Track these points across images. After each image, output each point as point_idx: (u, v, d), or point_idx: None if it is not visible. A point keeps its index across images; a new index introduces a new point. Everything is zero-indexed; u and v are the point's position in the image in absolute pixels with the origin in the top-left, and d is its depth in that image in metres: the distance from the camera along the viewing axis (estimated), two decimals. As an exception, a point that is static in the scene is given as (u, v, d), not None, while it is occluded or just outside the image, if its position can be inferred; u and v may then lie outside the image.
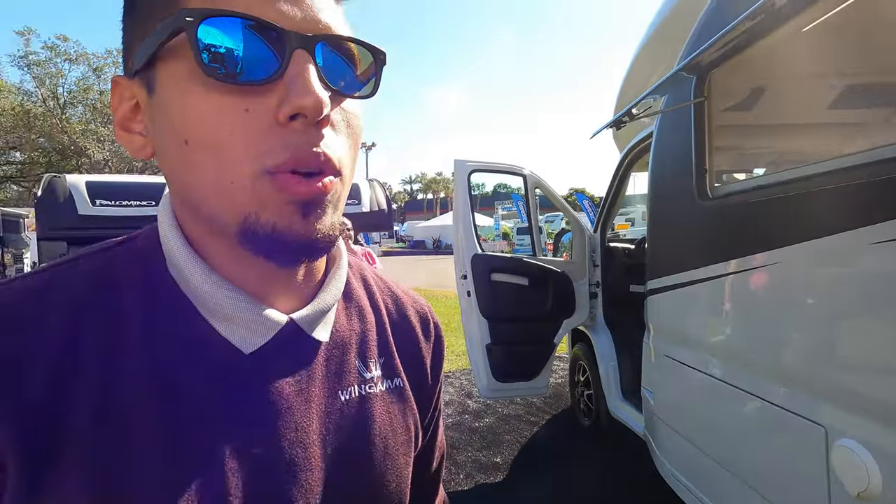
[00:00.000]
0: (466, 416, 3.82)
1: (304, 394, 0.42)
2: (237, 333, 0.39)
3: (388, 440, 0.47)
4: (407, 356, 0.53)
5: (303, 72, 0.33)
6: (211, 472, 0.36)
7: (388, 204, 10.10)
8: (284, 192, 0.34)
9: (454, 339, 6.31)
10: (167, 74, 0.35)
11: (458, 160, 3.11)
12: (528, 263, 3.14)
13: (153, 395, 0.36)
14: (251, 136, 0.33)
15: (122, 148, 0.47)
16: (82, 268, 0.39)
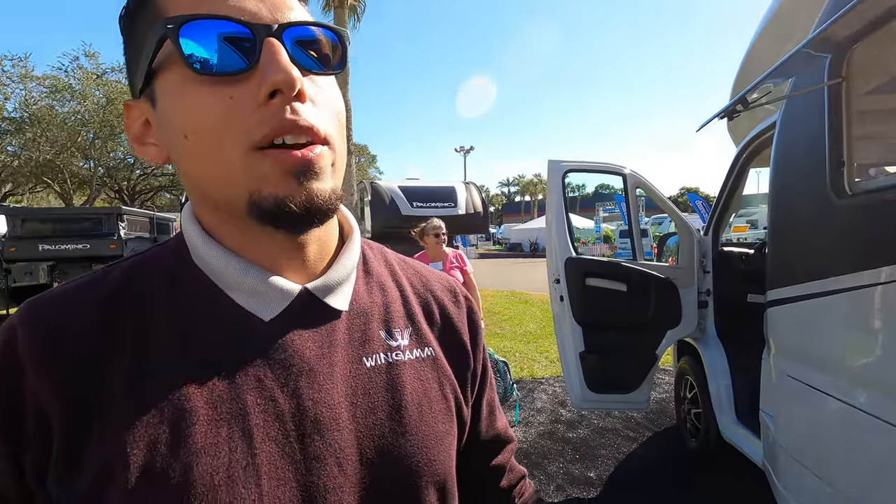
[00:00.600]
0: (559, 426, 3.69)
1: (327, 358, 0.45)
2: (256, 303, 0.43)
3: (422, 406, 0.48)
4: (438, 327, 0.55)
5: (274, 55, 0.38)
6: (239, 429, 0.39)
7: (484, 206, 10.17)
8: (278, 165, 0.38)
9: (548, 344, 6.14)
10: (163, 83, 0.40)
11: (552, 160, 3.01)
12: (626, 268, 2.95)
13: (182, 360, 0.40)
14: (237, 118, 0.38)
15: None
16: (124, 264, 0.46)
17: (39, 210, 10.63)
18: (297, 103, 0.39)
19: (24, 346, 0.38)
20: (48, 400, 0.37)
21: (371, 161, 42.49)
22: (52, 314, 0.40)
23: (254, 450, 0.39)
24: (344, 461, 0.42)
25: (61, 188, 19.46)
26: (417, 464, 0.46)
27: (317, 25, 0.41)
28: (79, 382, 0.37)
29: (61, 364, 0.38)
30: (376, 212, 8.86)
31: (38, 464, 0.37)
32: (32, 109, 16.34)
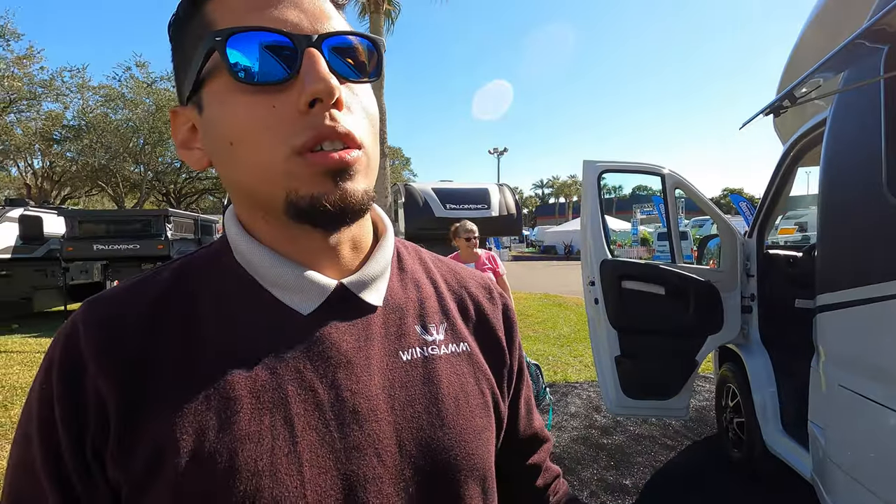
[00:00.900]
0: (593, 431, 3.61)
1: (364, 351, 0.46)
2: (294, 298, 0.45)
3: (459, 400, 0.49)
4: (473, 322, 0.56)
5: (314, 65, 0.39)
6: (280, 417, 0.41)
7: (517, 208, 10.09)
8: (315, 166, 0.40)
9: (583, 347, 6.03)
10: (210, 93, 0.42)
11: (587, 161, 2.96)
12: (665, 271, 2.87)
13: (226, 353, 0.42)
14: (280, 125, 0.40)
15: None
16: (173, 264, 0.48)
17: (94, 212, 11.26)
18: (335, 111, 0.40)
19: (86, 342, 0.41)
20: (107, 392, 0.39)
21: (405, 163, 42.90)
22: (110, 313, 0.42)
23: (295, 438, 0.40)
24: (383, 451, 0.43)
25: (114, 191, 20.57)
26: (456, 457, 0.46)
27: (354, 35, 0.43)
28: (133, 376, 0.40)
29: (118, 359, 0.40)
30: (410, 214, 8.94)
31: (98, 451, 0.39)
32: (89, 117, 17.37)
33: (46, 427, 0.40)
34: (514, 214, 9.58)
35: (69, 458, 0.39)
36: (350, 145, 0.41)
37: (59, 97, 16.66)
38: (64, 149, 18.15)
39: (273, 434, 0.40)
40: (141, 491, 0.39)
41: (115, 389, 0.39)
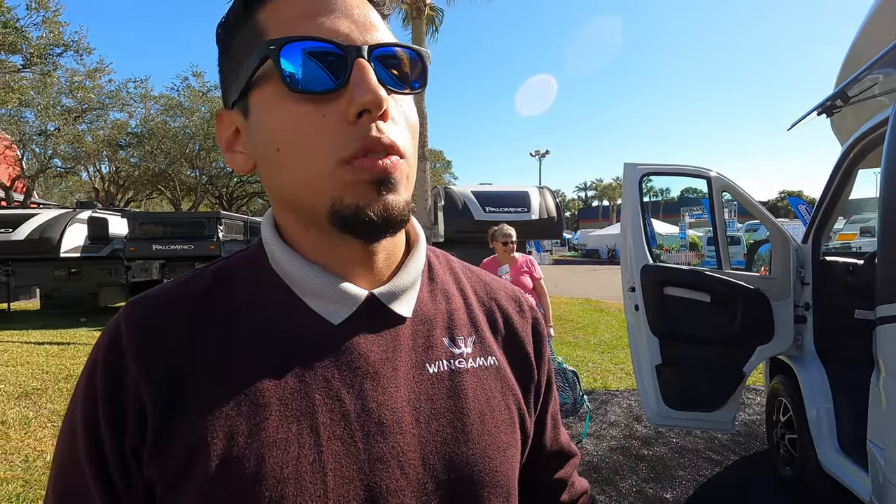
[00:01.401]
0: (634, 441, 3.51)
1: (391, 362, 0.46)
2: (325, 307, 0.45)
3: (484, 415, 0.48)
4: (502, 336, 0.55)
5: (363, 76, 0.40)
6: (307, 426, 0.42)
7: (558, 211, 9.93)
8: (360, 174, 0.41)
9: (624, 355, 5.87)
10: (258, 99, 0.43)
11: (628, 163, 2.90)
12: (710, 277, 2.76)
13: (258, 359, 0.43)
14: (328, 134, 0.41)
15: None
16: (211, 267, 0.49)
17: (153, 214, 11.98)
18: (382, 122, 0.41)
19: (127, 343, 0.42)
20: (146, 393, 0.40)
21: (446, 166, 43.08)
22: (150, 315, 0.44)
23: (320, 447, 0.41)
24: (406, 464, 0.43)
25: (172, 194, 21.78)
26: (479, 473, 0.46)
27: (401, 46, 0.44)
28: (171, 377, 0.41)
29: (157, 361, 0.41)
30: (449, 217, 8.95)
31: (136, 451, 0.40)
32: (150, 125, 18.51)
33: (91, 425, 0.41)
34: (554, 217, 9.43)
35: (111, 456, 0.40)
36: (391, 153, 0.42)
37: (124, 107, 17.83)
38: (128, 155, 19.42)
39: (299, 442, 0.41)
40: (173, 491, 0.40)
41: (153, 391, 0.40)
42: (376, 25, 0.44)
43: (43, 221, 8.82)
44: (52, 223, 8.81)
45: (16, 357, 5.44)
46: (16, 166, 17.66)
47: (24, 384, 4.42)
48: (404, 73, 0.44)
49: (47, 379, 4.63)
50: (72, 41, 9.34)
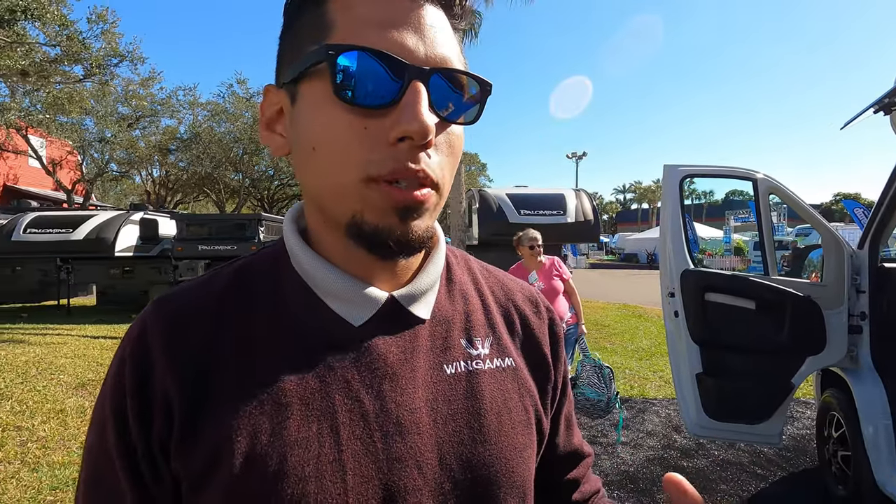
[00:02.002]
0: (672, 452, 3.40)
1: (409, 363, 0.46)
2: (346, 309, 0.46)
3: (501, 416, 0.48)
4: (519, 337, 0.55)
5: (415, 101, 0.39)
6: (327, 425, 0.42)
7: (594, 214, 9.75)
8: (386, 199, 0.40)
9: (664, 362, 5.69)
10: (307, 91, 0.42)
11: (668, 165, 2.82)
12: (755, 283, 2.64)
13: (279, 358, 0.44)
14: (365, 148, 0.40)
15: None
16: (233, 266, 0.50)
17: (199, 216, 12.49)
18: (422, 149, 0.40)
19: (153, 339, 0.43)
20: (172, 390, 0.41)
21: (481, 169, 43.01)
22: (175, 313, 0.44)
23: (340, 446, 0.41)
24: (423, 464, 0.43)
25: (217, 197, 22.70)
26: (496, 473, 0.46)
27: (464, 74, 0.42)
28: (196, 375, 0.42)
29: (183, 359, 0.42)
30: (484, 219, 8.93)
31: (163, 444, 0.41)
32: (198, 130, 19.37)
33: (120, 417, 0.42)
34: (591, 220, 9.26)
35: (139, 447, 0.41)
36: (425, 184, 0.41)
37: (174, 113, 18.78)
38: (177, 159, 20.42)
39: (320, 441, 0.41)
40: (198, 487, 0.41)
41: (179, 387, 0.41)
42: (445, 44, 0.42)
43: (99, 222, 9.37)
44: (107, 224, 9.35)
45: (74, 350, 5.80)
46: (77, 171, 18.87)
47: (81, 375, 4.70)
48: (462, 101, 0.43)
49: (101, 371, 4.91)
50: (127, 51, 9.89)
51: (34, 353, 5.42)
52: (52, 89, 10.25)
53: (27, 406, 3.80)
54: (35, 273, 9.55)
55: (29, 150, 17.17)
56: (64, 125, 13.36)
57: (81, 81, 10.11)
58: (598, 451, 3.43)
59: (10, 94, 11.46)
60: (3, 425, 3.41)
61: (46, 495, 2.64)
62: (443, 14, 0.43)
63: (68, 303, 9.47)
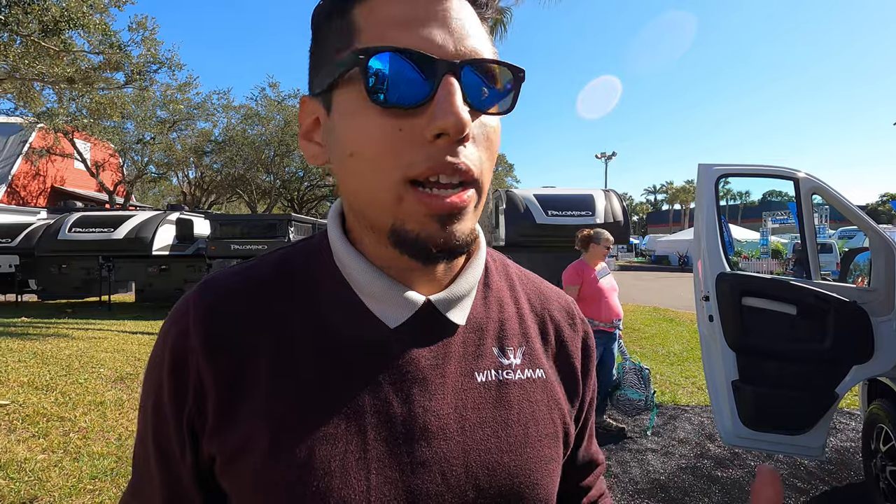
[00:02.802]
0: (705, 461, 3.29)
1: (440, 368, 0.46)
2: (383, 310, 0.46)
3: (528, 427, 0.48)
4: (552, 348, 0.54)
5: (448, 96, 0.38)
6: (355, 424, 0.42)
7: (624, 215, 9.54)
8: (425, 207, 0.40)
9: (696, 368, 5.52)
10: (341, 99, 0.42)
11: (703, 164, 2.72)
12: (797, 288, 2.52)
13: (314, 353, 0.44)
14: (402, 150, 0.40)
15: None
16: (276, 255, 0.50)
17: (232, 216, 12.86)
18: (460, 146, 0.40)
19: (194, 326, 0.44)
20: (207, 377, 0.42)
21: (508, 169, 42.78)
22: (218, 302, 0.45)
23: (366, 446, 0.42)
24: (448, 471, 0.43)
25: (249, 198, 23.28)
26: (520, 485, 0.46)
27: (496, 63, 0.42)
28: (232, 362, 0.43)
29: (220, 348, 0.43)
30: (510, 220, 8.84)
31: (193, 427, 0.43)
32: (231, 133, 19.93)
33: (156, 392, 0.45)
34: (620, 222, 9.06)
35: (172, 421, 0.44)
36: (466, 180, 0.40)
37: (208, 117, 19.40)
38: (212, 161, 21.07)
39: (347, 439, 0.42)
40: (229, 467, 0.42)
41: (214, 375, 0.42)
42: (474, 35, 0.42)
43: (138, 222, 9.75)
44: (145, 224, 9.71)
45: (114, 344, 6.04)
46: (118, 172, 19.68)
47: (119, 369, 4.89)
48: (495, 91, 0.42)
49: (139, 365, 5.09)
50: (165, 58, 10.26)
51: (77, 347, 5.67)
52: (96, 95, 10.71)
53: (70, 398, 3.97)
54: (79, 270, 10.02)
55: (75, 153, 18.03)
56: (106, 129, 13.96)
57: (123, 87, 10.53)
58: (628, 457, 3.34)
59: (58, 99, 12.04)
60: (48, 415, 3.57)
61: (86, 484, 2.75)
62: (468, 5, 0.43)
63: (109, 299, 9.88)
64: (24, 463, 2.89)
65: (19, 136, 17.59)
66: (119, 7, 8.56)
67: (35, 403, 3.75)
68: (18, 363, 4.81)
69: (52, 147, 17.87)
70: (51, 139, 17.32)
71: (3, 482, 2.68)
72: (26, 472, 2.79)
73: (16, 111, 12.81)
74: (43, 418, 3.52)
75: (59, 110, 11.04)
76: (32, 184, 18.79)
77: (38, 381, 4.25)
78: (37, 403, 3.75)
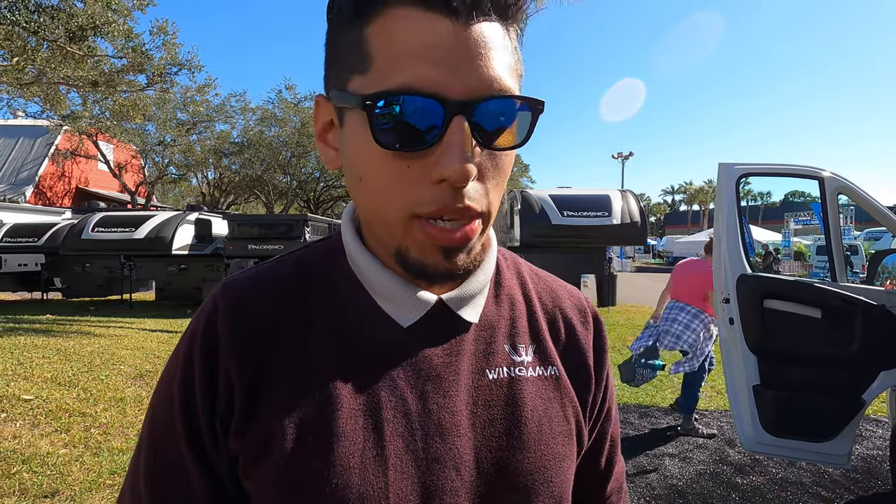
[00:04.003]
0: (725, 467, 3.21)
1: (453, 366, 0.47)
2: (396, 310, 0.47)
3: (542, 424, 0.48)
4: (564, 346, 0.54)
5: (455, 144, 0.37)
6: (372, 421, 0.43)
7: (641, 216, 9.41)
8: (432, 238, 0.41)
9: (716, 371, 5.39)
10: (352, 122, 0.42)
11: (724, 163, 2.66)
12: (822, 290, 2.45)
13: (332, 351, 0.45)
14: (408, 187, 0.40)
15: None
16: (294, 256, 0.51)
17: (249, 216, 13.02)
18: (465, 187, 0.39)
19: (222, 325, 0.44)
20: (234, 375, 0.43)
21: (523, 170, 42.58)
22: (241, 300, 0.46)
23: (383, 442, 0.43)
24: (461, 466, 0.44)
25: (266, 198, 23.58)
26: (534, 482, 0.46)
27: (513, 98, 0.40)
28: (255, 361, 0.44)
29: (246, 347, 0.44)
30: (525, 221, 8.78)
31: (223, 422, 0.44)
32: (249, 135, 20.21)
33: (187, 386, 0.44)
34: (637, 223, 8.93)
35: (203, 418, 0.44)
36: (473, 215, 0.41)
37: (227, 119, 19.70)
38: (230, 162, 21.38)
39: (364, 436, 0.42)
40: (251, 466, 0.43)
41: (240, 374, 0.43)
42: (492, 62, 0.38)
43: (158, 222, 9.93)
44: (165, 224, 9.89)
45: (134, 342, 6.15)
46: (139, 174, 20.11)
47: (139, 366, 4.98)
48: (510, 126, 0.40)
49: (158, 363, 5.18)
50: (185, 60, 10.44)
51: (99, 345, 5.79)
52: (119, 97, 10.95)
53: (91, 394, 4.05)
54: (102, 269, 10.24)
55: (98, 155, 18.47)
56: (128, 131, 14.29)
57: (144, 89, 10.74)
58: (645, 462, 3.29)
59: (83, 102, 12.35)
60: (70, 411, 3.65)
61: (106, 479, 2.80)
62: (490, 24, 0.39)
63: (130, 297, 10.08)
64: (47, 457, 2.95)
65: (45, 138, 18.10)
66: (142, 10, 8.73)
67: (58, 399, 3.84)
68: (43, 359, 4.93)
69: (77, 149, 18.34)
70: (75, 141, 17.78)
71: (26, 475, 2.74)
72: (48, 466, 2.86)
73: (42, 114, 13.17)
74: (65, 413, 3.60)
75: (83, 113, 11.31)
76: (58, 185, 19.30)
77: (61, 378, 4.36)
78: (59, 399, 3.84)
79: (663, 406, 4.41)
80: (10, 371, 4.45)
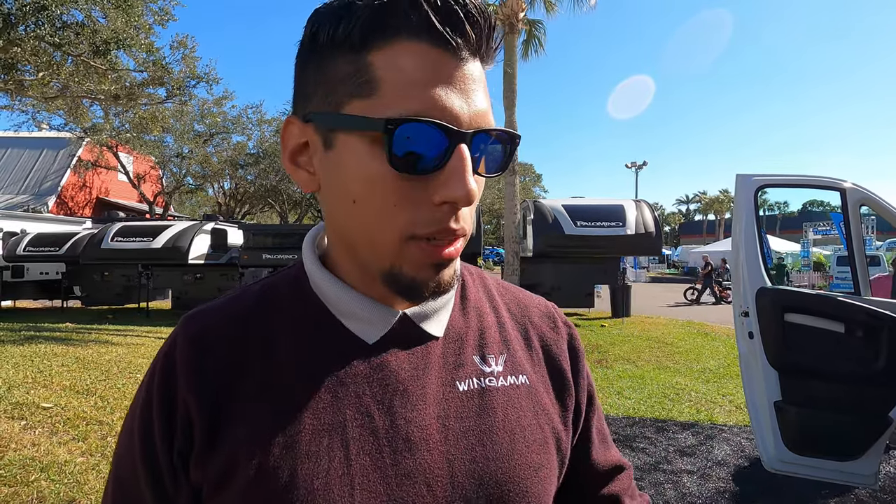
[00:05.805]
0: (745, 486, 3.12)
1: (420, 380, 0.47)
2: (360, 327, 0.47)
3: (514, 434, 0.48)
4: (536, 353, 0.55)
5: (460, 168, 0.40)
6: (338, 439, 0.43)
7: (656, 226, 9.33)
8: (427, 256, 0.42)
9: (734, 385, 5.29)
10: (350, 144, 0.41)
11: (742, 174, 2.63)
12: (845, 304, 2.39)
13: (295, 375, 0.45)
14: (409, 208, 0.41)
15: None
16: (255, 287, 0.52)
17: (263, 226, 13.21)
18: (461, 210, 0.42)
19: (179, 358, 0.45)
20: (192, 407, 0.43)
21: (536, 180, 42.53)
22: (200, 334, 0.46)
23: (349, 461, 0.42)
24: (433, 482, 0.43)
25: (280, 208, 23.88)
26: (509, 493, 0.46)
27: (499, 132, 0.43)
28: (215, 392, 0.44)
29: (203, 377, 0.44)
30: (538, 231, 8.75)
31: (183, 456, 0.44)
32: (265, 146, 20.55)
33: (146, 427, 0.45)
34: (652, 232, 8.85)
35: (162, 457, 0.44)
36: (460, 236, 0.43)
37: (243, 130, 20.08)
38: (246, 173, 21.75)
39: (329, 455, 0.42)
40: (215, 494, 0.43)
41: (198, 405, 0.43)
42: (483, 98, 0.43)
43: (175, 232, 10.10)
44: (182, 233, 10.05)
45: (150, 351, 6.24)
46: (157, 184, 20.52)
47: (155, 375, 5.04)
48: (495, 157, 0.45)
49: (173, 372, 5.24)
50: (203, 73, 10.67)
51: (116, 353, 5.88)
52: (139, 110, 11.22)
53: (108, 402, 4.10)
54: (120, 278, 10.43)
55: (118, 166, 18.89)
56: (147, 142, 14.60)
57: (164, 102, 10.99)
58: (661, 479, 3.21)
59: (104, 115, 12.66)
60: (87, 419, 3.70)
61: (121, 488, 2.82)
62: (477, 64, 0.43)
63: (147, 306, 10.23)
64: (65, 465, 2.99)
65: (68, 150, 18.59)
66: (163, 25, 8.95)
67: (76, 407, 3.89)
68: (62, 367, 5.02)
69: (98, 160, 18.79)
70: (97, 153, 18.22)
71: (44, 483, 2.78)
72: (66, 475, 2.89)
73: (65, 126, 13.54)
74: (83, 422, 3.65)
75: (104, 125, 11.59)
76: (79, 195, 19.78)
77: (80, 386, 4.42)
78: (77, 407, 3.90)
79: (680, 420, 4.32)
80: (31, 379, 4.53)
